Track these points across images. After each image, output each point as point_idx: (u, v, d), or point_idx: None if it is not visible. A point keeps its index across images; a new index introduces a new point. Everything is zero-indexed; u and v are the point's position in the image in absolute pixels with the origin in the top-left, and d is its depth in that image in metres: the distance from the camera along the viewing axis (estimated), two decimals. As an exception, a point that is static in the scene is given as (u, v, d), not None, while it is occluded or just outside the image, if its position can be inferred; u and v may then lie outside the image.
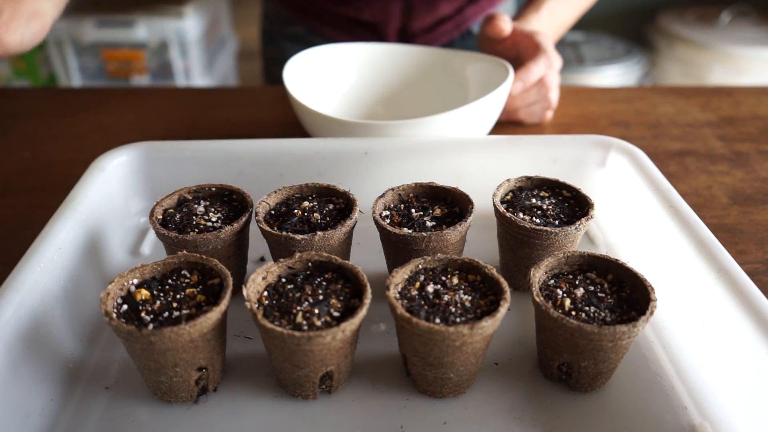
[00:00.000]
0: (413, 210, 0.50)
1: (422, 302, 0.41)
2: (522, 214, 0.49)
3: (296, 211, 0.49)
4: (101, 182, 0.54)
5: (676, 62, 2.00)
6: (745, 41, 1.89)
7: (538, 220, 0.48)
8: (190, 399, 0.41)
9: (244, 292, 0.40)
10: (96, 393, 0.42)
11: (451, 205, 0.51)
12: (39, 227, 0.47)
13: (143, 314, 0.39)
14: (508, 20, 0.75)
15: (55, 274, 0.44)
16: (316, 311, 0.39)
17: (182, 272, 0.43)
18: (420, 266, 0.44)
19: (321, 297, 0.41)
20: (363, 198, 0.53)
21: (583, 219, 0.48)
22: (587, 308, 0.41)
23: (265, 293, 0.41)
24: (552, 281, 0.44)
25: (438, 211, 0.50)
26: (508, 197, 0.52)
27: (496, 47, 0.78)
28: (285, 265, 0.43)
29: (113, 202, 0.56)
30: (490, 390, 0.43)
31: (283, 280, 0.43)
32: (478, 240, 0.57)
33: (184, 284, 0.42)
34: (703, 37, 1.92)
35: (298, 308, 0.40)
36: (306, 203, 0.50)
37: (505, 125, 0.79)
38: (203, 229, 0.47)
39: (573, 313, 0.40)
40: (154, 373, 0.39)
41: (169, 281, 0.42)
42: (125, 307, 0.40)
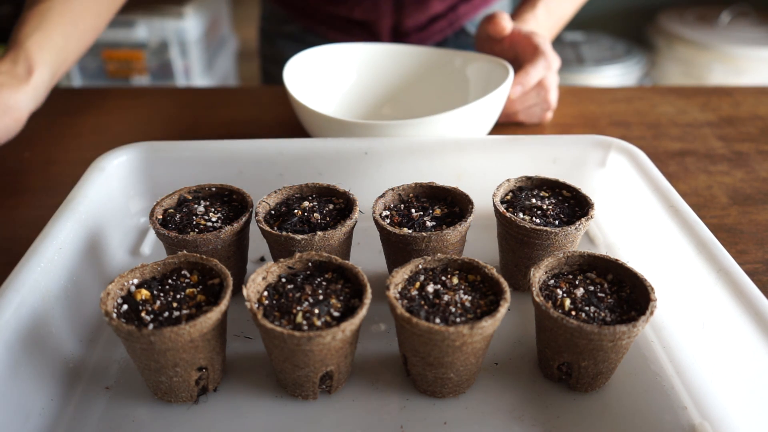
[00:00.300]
0: (413, 210, 0.50)
1: (422, 302, 0.41)
2: (522, 214, 0.49)
3: (296, 211, 0.49)
4: (101, 182, 0.54)
5: (676, 62, 2.00)
6: (745, 41, 1.89)
7: (538, 220, 0.48)
8: (190, 399, 0.41)
9: (244, 292, 0.40)
10: (96, 393, 0.42)
11: (451, 205, 0.51)
12: (39, 227, 0.47)
13: (143, 314, 0.39)
14: (509, 19, 0.75)
15: (55, 274, 0.44)
16: (316, 311, 0.39)
17: (182, 272, 0.43)
18: (420, 266, 0.44)
19: (321, 297, 0.41)
20: (363, 198, 0.53)
21: (583, 219, 0.48)
22: (587, 308, 0.41)
23: (265, 293, 0.42)
24: (552, 281, 0.44)
25: (438, 211, 0.50)
26: (508, 197, 0.52)
27: (495, 47, 0.78)
28: (285, 265, 0.43)
29: (113, 202, 0.56)
30: (490, 390, 0.43)
31: (283, 280, 0.43)
32: (478, 240, 0.57)
33: (184, 284, 0.42)
34: (703, 37, 1.92)
35: (298, 308, 0.40)
36: (306, 203, 0.50)
37: (505, 125, 0.79)
38: (203, 229, 0.47)
39: (573, 313, 0.40)
40: (154, 373, 0.39)
41: (169, 281, 0.42)
42: (125, 307, 0.40)
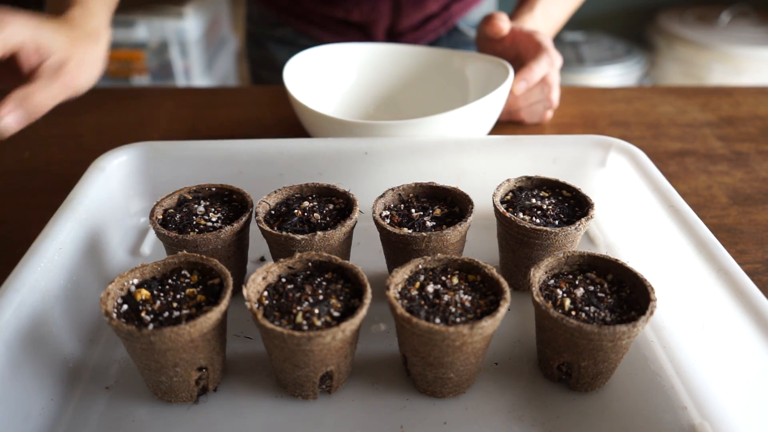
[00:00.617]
0: (413, 210, 0.50)
1: (422, 302, 0.41)
2: (522, 214, 0.49)
3: (296, 211, 0.49)
4: (101, 182, 0.54)
5: (676, 62, 2.00)
6: (745, 41, 1.89)
7: (538, 220, 0.48)
8: (190, 399, 0.41)
9: (244, 292, 0.40)
10: (96, 393, 0.42)
11: (451, 205, 0.51)
12: (39, 227, 0.47)
13: (143, 314, 0.39)
14: (506, 19, 0.75)
15: (55, 274, 0.44)
16: (316, 311, 0.39)
17: (182, 272, 0.43)
18: (420, 266, 0.44)
19: (321, 297, 0.41)
20: (363, 198, 0.53)
21: (583, 219, 0.48)
22: (587, 308, 0.41)
23: (265, 293, 0.41)
24: (552, 281, 0.44)
25: (438, 211, 0.50)
26: (508, 197, 0.52)
27: (495, 47, 0.77)
28: (285, 265, 0.43)
29: (113, 202, 0.56)
30: (490, 390, 0.43)
31: (283, 280, 0.43)
32: (478, 240, 0.57)
33: (184, 284, 0.42)
34: (703, 37, 1.92)
35: (298, 308, 0.40)
36: (306, 203, 0.50)
37: (505, 125, 0.79)
38: (203, 229, 0.47)
39: (573, 313, 0.40)
40: (154, 373, 0.39)
41: (169, 281, 0.42)
42: (125, 307, 0.40)
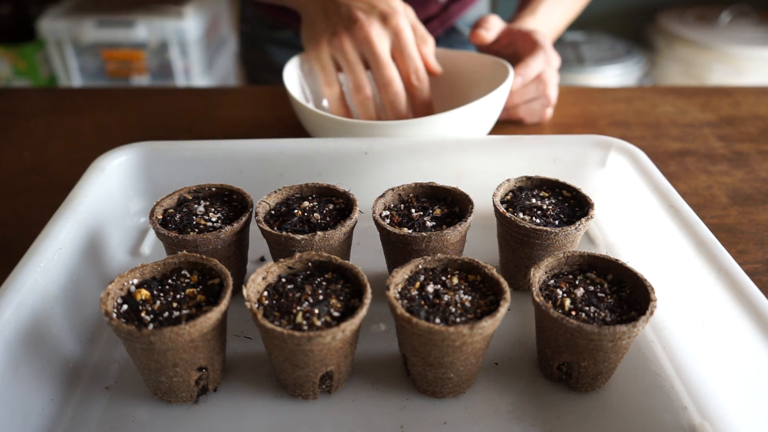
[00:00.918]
0: (413, 210, 0.50)
1: (422, 302, 0.41)
2: (522, 214, 0.49)
3: (296, 211, 0.49)
4: (101, 182, 0.54)
5: (676, 62, 2.00)
6: (745, 41, 1.89)
7: (538, 220, 0.48)
8: (190, 399, 0.41)
9: (244, 292, 0.40)
10: (96, 393, 0.42)
11: (451, 205, 0.51)
12: (39, 227, 0.47)
13: (143, 314, 0.39)
14: (494, 26, 0.75)
15: (55, 274, 0.44)
16: (316, 311, 0.39)
17: (182, 272, 0.43)
18: (420, 266, 0.44)
19: (321, 297, 0.41)
20: (363, 198, 0.53)
21: (583, 219, 0.48)
22: (587, 308, 0.41)
23: (265, 293, 0.41)
24: (552, 281, 0.44)
25: (438, 211, 0.50)
26: (508, 197, 0.52)
27: (493, 46, 0.78)
28: (285, 265, 0.43)
29: (113, 202, 0.56)
30: (490, 390, 0.43)
31: (283, 280, 0.43)
32: (478, 240, 0.57)
33: (184, 284, 0.42)
34: (703, 37, 1.92)
35: (298, 308, 0.40)
36: (306, 203, 0.50)
37: (505, 125, 0.79)
38: (203, 229, 0.47)
39: (573, 313, 0.40)
40: (154, 373, 0.39)
41: (169, 281, 0.42)
42: (125, 307, 0.40)
